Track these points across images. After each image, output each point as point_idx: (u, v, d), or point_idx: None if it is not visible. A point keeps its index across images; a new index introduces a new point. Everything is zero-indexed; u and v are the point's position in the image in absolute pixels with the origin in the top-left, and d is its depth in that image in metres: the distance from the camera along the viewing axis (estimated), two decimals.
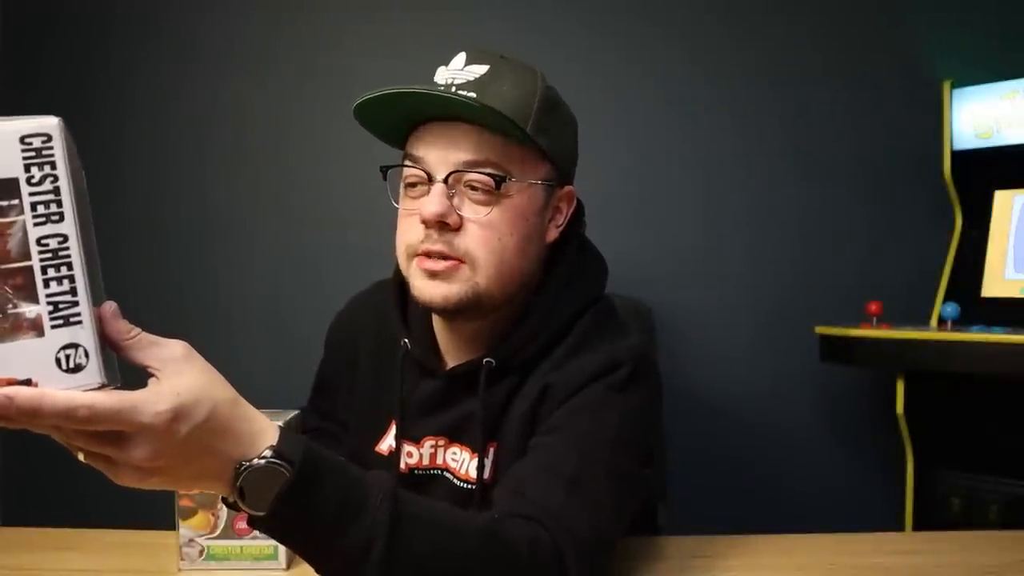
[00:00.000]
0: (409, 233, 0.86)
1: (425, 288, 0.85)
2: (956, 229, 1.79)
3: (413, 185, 0.86)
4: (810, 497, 1.90)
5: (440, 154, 0.84)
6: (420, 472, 0.92)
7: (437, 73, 0.87)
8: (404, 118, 0.86)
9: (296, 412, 0.93)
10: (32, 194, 0.51)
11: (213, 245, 1.94)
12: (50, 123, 0.53)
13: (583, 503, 0.75)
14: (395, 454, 0.93)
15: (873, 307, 1.66)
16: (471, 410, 0.88)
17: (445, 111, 0.83)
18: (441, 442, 0.91)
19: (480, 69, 0.85)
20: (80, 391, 0.50)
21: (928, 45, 1.88)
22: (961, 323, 1.61)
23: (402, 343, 0.93)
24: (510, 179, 0.84)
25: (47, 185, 0.52)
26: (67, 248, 0.51)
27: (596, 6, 1.91)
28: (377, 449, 0.96)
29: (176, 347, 0.56)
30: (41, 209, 0.51)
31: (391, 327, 0.96)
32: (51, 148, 0.52)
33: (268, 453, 0.57)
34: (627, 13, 1.91)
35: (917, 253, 1.88)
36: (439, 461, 0.92)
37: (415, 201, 0.85)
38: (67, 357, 0.51)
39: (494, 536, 0.67)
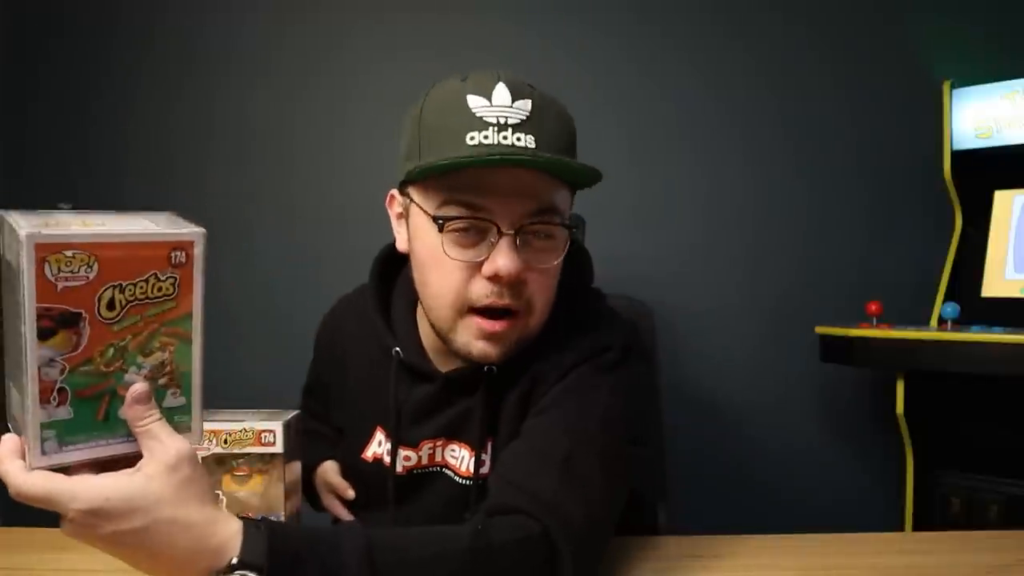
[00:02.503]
0: (464, 286, 0.81)
1: (481, 347, 0.83)
2: (956, 229, 1.79)
3: (464, 231, 0.80)
4: (810, 497, 1.90)
5: (506, 204, 0.79)
6: (419, 471, 0.92)
7: (477, 107, 0.79)
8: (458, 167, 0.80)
9: (296, 412, 0.93)
10: None
11: (213, 245, 1.93)
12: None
13: (575, 487, 0.74)
14: (388, 459, 0.92)
15: (873, 307, 1.66)
16: (468, 408, 0.88)
17: (510, 159, 0.78)
18: (439, 442, 0.91)
19: (526, 105, 0.80)
20: (32, 472, 0.54)
21: (928, 45, 1.89)
22: (961, 323, 1.61)
23: (393, 352, 0.91)
24: (570, 224, 0.83)
25: None
26: None
27: (596, 6, 1.91)
28: (363, 456, 0.95)
29: (169, 451, 0.56)
30: None
31: (375, 334, 0.94)
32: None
33: (234, 562, 0.57)
34: (627, 13, 1.91)
35: (917, 253, 1.88)
36: (438, 459, 0.91)
37: (469, 250, 0.80)
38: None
39: (480, 552, 0.67)
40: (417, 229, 0.85)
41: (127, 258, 0.52)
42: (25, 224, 0.50)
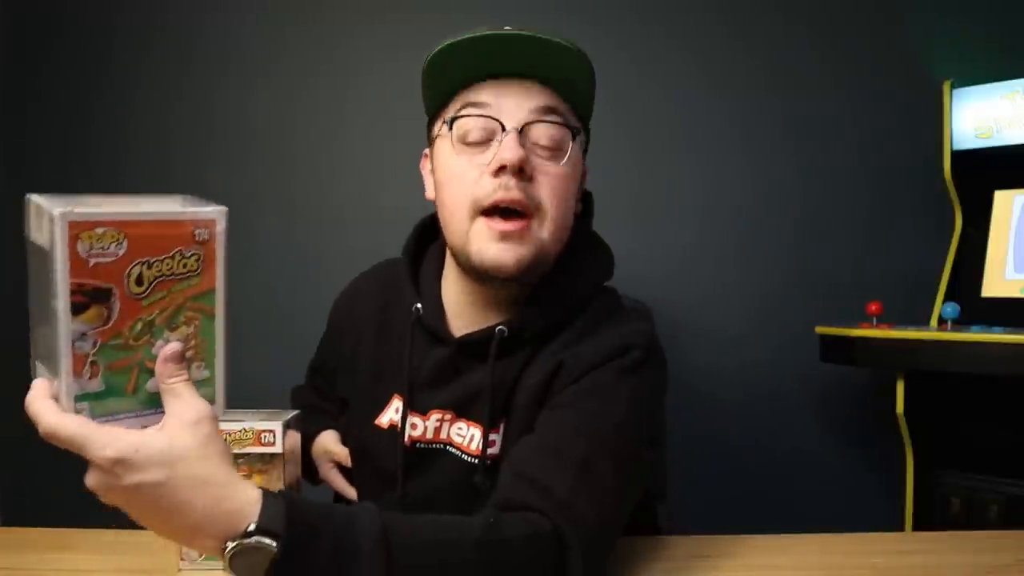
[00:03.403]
0: (475, 187, 0.84)
1: (494, 251, 0.83)
2: (956, 229, 1.79)
3: (476, 142, 0.85)
4: (810, 497, 1.90)
5: (513, 102, 0.84)
6: (423, 445, 0.91)
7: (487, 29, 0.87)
8: (468, 70, 0.87)
9: (296, 412, 0.93)
10: None
11: None
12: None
13: (589, 489, 0.74)
14: (399, 427, 0.92)
15: (873, 307, 1.66)
16: (480, 384, 0.87)
17: (517, 60, 0.84)
18: (448, 416, 0.90)
19: (533, 29, 0.86)
20: (66, 414, 0.55)
21: (928, 45, 1.88)
22: (961, 323, 1.61)
23: (414, 308, 0.92)
24: (578, 135, 0.86)
25: None
26: None
27: (596, 6, 1.91)
28: (376, 423, 0.95)
29: (191, 410, 0.57)
30: None
31: (399, 298, 0.95)
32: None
33: (252, 528, 0.57)
34: (627, 13, 1.91)
35: (917, 253, 1.88)
36: (443, 436, 0.91)
37: (479, 155, 0.84)
38: None
39: (490, 545, 0.67)
40: (437, 158, 0.90)
41: (154, 235, 0.55)
42: (57, 205, 0.52)
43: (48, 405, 0.55)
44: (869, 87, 1.90)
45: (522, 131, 0.83)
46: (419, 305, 0.92)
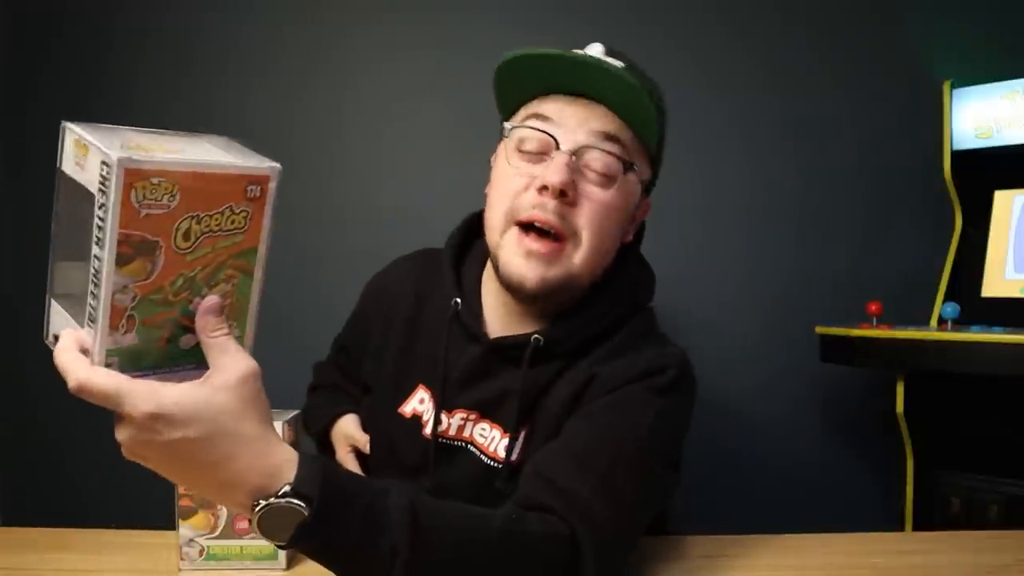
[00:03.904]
0: (517, 197, 0.84)
1: (520, 266, 0.84)
2: (956, 229, 1.79)
3: (531, 152, 0.85)
4: (810, 497, 1.90)
5: (575, 121, 0.84)
6: (445, 441, 0.91)
7: (574, 53, 0.86)
8: (542, 81, 0.86)
9: (296, 412, 0.93)
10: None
11: None
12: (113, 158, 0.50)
13: (609, 501, 0.74)
14: (422, 418, 0.92)
15: (873, 307, 1.66)
16: (509, 387, 0.87)
17: (589, 84, 0.83)
18: (472, 416, 0.90)
19: (617, 62, 0.84)
20: (98, 367, 0.51)
21: (928, 45, 1.88)
22: (961, 323, 1.61)
23: (454, 302, 0.92)
24: (633, 168, 0.86)
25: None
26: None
27: (596, 6, 1.91)
28: (400, 411, 0.95)
29: (239, 365, 0.56)
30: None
31: (436, 290, 0.95)
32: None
33: (287, 490, 0.56)
34: (627, 13, 1.91)
35: (917, 253, 1.88)
36: (465, 434, 0.91)
37: (531, 166, 0.84)
38: None
39: (510, 536, 0.68)
40: (497, 159, 0.90)
41: (207, 190, 0.52)
42: (109, 145, 0.49)
43: (78, 357, 0.51)
44: (869, 87, 1.90)
45: (577, 152, 0.83)
46: (458, 300, 0.92)
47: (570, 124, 0.84)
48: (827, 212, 1.92)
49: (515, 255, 0.84)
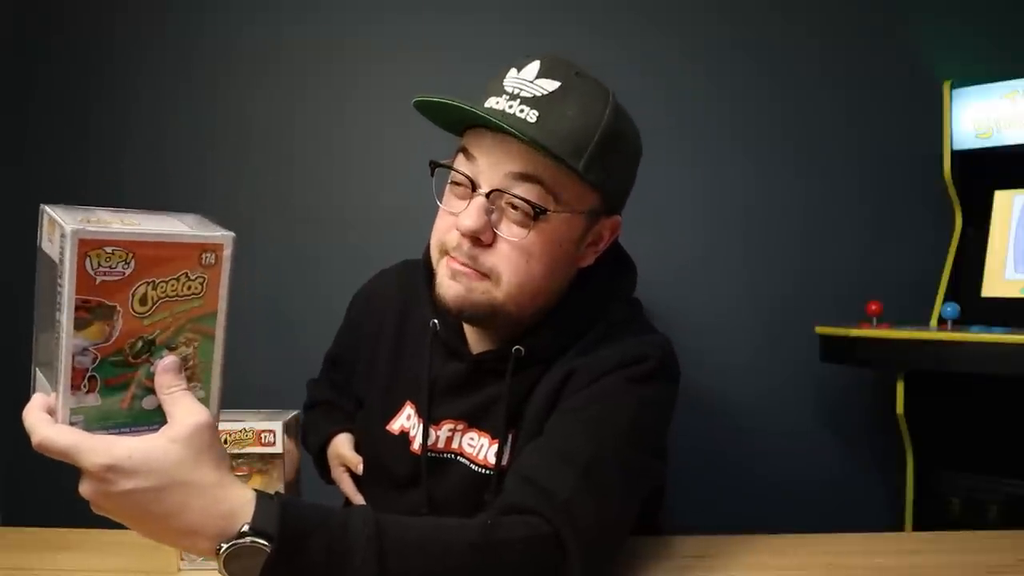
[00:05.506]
0: (445, 234, 0.86)
1: (445, 285, 0.85)
2: (956, 229, 1.79)
3: (459, 184, 0.86)
4: (810, 497, 1.89)
5: (489, 164, 0.82)
6: (434, 455, 0.92)
7: (507, 77, 0.84)
8: (460, 121, 0.86)
9: (296, 412, 0.93)
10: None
11: None
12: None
13: (593, 493, 0.74)
14: (409, 434, 0.93)
15: (873, 307, 1.66)
16: (495, 395, 0.88)
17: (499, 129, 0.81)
18: (460, 426, 0.91)
19: (550, 85, 0.82)
20: (59, 425, 0.55)
21: (928, 45, 1.88)
22: (961, 323, 1.61)
23: (431, 323, 0.93)
24: (551, 210, 0.82)
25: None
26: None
27: (596, 6, 1.91)
28: (388, 428, 0.96)
29: (191, 416, 0.57)
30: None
31: (417, 306, 0.96)
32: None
33: (245, 528, 0.57)
34: (627, 13, 1.91)
35: (917, 253, 1.88)
36: (454, 446, 0.91)
37: (457, 203, 0.85)
38: None
39: (487, 544, 0.67)
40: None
41: (161, 257, 0.56)
42: (70, 220, 0.53)
43: (42, 417, 0.55)
44: (869, 87, 1.90)
45: (491, 196, 0.82)
46: (435, 321, 0.92)
47: (488, 163, 0.82)
48: (827, 212, 1.92)
49: (444, 276, 0.86)
